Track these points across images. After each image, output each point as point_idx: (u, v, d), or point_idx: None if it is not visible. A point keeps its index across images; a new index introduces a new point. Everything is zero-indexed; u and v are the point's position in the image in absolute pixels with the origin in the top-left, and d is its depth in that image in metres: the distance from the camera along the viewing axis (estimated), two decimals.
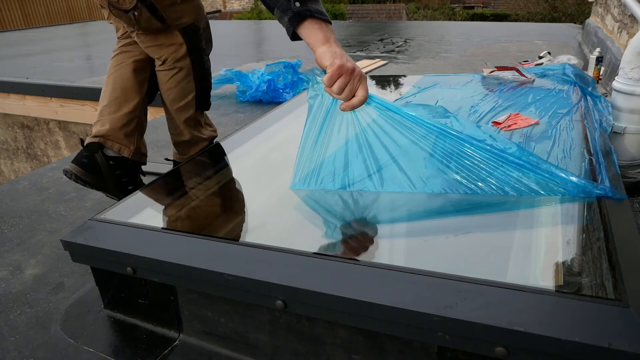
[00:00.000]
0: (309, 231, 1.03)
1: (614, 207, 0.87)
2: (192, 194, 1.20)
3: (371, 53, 4.57)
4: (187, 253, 0.88)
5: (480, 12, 16.39)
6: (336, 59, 0.93)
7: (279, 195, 1.19)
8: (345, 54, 0.97)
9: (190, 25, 1.43)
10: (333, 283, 0.75)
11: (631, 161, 1.51)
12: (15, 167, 4.55)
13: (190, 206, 1.15)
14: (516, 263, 0.81)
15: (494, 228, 0.96)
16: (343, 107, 0.97)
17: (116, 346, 0.98)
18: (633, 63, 1.45)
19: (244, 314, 0.88)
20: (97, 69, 4.34)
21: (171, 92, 1.48)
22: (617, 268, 0.70)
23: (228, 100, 3.00)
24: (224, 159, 1.40)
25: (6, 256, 1.35)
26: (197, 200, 1.18)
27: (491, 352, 0.65)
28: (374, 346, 0.79)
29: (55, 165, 2.05)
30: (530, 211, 0.97)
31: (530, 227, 0.93)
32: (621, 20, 3.17)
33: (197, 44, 1.46)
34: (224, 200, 1.20)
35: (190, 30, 1.43)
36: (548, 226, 0.92)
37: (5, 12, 10.76)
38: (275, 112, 1.79)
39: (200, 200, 1.19)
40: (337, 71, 0.92)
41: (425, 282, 0.73)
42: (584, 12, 10.57)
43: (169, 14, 1.36)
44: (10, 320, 1.08)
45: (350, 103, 0.96)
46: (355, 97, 0.96)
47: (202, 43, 1.48)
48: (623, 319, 0.61)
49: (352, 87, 0.95)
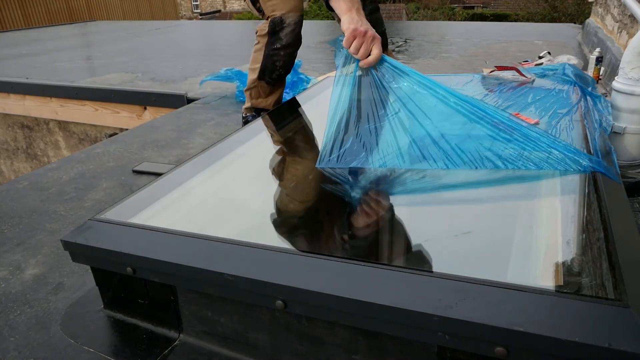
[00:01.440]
0: (309, 231, 1.03)
1: (614, 207, 0.87)
2: (192, 193, 1.20)
3: None
4: (187, 253, 0.88)
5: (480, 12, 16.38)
6: (351, 24, 1.14)
7: (279, 195, 1.19)
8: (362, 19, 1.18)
9: (278, 18, 1.87)
10: (333, 283, 0.75)
11: (631, 161, 1.51)
12: (15, 167, 4.55)
13: (190, 206, 1.15)
14: (516, 263, 0.81)
15: (494, 228, 0.96)
16: (361, 65, 1.14)
17: (116, 346, 0.98)
18: (633, 63, 1.45)
19: (244, 314, 0.88)
20: (97, 69, 4.34)
21: (251, 55, 2.02)
22: (617, 268, 0.70)
23: (228, 100, 3.00)
24: (224, 159, 1.40)
25: (6, 256, 1.36)
26: (197, 200, 1.18)
27: (491, 352, 0.65)
28: (374, 346, 0.79)
29: (55, 166, 2.05)
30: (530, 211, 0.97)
31: (530, 227, 0.93)
32: (621, 20, 3.17)
33: (277, 32, 1.90)
34: (224, 200, 1.20)
35: (276, 20, 1.88)
36: (548, 226, 0.92)
37: (5, 12, 10.75)
38: (275, 111, 1.79)
39: (201, 200, 1.19)
40: (351, 34, 1.14)
41: (426, 282, 0.73)
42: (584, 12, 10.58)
43: (266, 7, 1.90)
44: (10, 320, 1.08)
45: (366, 61, 1.14)
46: (371, 55, 1.14)
47: (281, 32, 1.90)
48: (623, 319, 0.61)
49: (367, 47, 1.13)
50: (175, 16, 15.74)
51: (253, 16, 13.22)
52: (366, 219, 1.04)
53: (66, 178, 1.91)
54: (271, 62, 1.96)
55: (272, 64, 1.96)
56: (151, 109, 3.30)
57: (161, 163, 2.02)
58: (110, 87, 3.47)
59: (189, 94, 3.15)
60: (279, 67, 1.97)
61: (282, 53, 1.93)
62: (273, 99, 2.09)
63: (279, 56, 1.94)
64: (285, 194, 1.20)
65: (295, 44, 1.95)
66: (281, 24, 1.89)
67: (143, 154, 2.15)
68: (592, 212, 0.89)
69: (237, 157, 1.40)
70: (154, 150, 2.19)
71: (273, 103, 2.10)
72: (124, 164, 2.03)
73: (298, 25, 1.91)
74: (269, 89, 2.05)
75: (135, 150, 2.20)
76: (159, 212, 1.10)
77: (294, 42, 1.93)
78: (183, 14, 24.00)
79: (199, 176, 1.28)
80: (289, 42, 1.91)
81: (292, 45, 1.93)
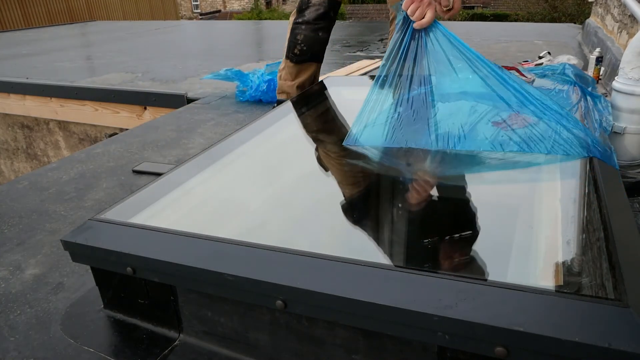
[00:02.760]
0: (310, 230, 1.03)
1: (614, 207, 0.87)
2: (192, 193, 1.20)
3: (371, 53, 4.58)
4: (187, 253, 0.88)
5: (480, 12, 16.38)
6: None
7: (280, 195, 1.19)
8: None
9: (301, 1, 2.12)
10: (333, 283, 0.75)
11: (631, 161, 1.51)
12: (15, 167, 4.55)
13: (190, 206, 1.15)
14: (516, 263, 0.81)
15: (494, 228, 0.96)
16: (415, 25, 1.27)
17: (116, 346, 0.98)
18: (633, 63, 1.45)
19: (244, 314, 0.88)
20: (97, 69, 4.34)
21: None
22: (617, 268, 0.70)
23: (228, 100, 3.00)
24: (224, 159, 1.39)
25: (6, 256, 1.36)
26: (197, 200, 1.18)
27: (491, 352, 0.65)
28: (374, 346, 0.79)
29: (55, 166, 2.05)
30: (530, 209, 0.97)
31: (530, 227, 0.93)
32: (621, 20, 3.17)
33: (303, 10, 2.09)
34: (224, 200, 1.20)
35: (302, 2, 2.11)
36: (548, 226, 0.92)
37: (5, 12, 10.75)
38: (275, 112, 1.79)
39: (201, 200, 1.19)
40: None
41: (425, 282, 0.73)
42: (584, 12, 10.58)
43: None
44: (10, 320, 1.08)
45: (419, 22, 1.26)
46: (424, 18, 1.25)
47: (306, 10, 2.08)
48: (623, 319, 0.61)
49: (422, 10, 1.25)
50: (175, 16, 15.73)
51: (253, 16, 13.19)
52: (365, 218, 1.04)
53: (66, 178, 1.91)
54: (293, 36, 2.13)
55: (293, 38, 2.13)
56: (151, 109, 3.30)
57: (161, 163, 2.02)
58: (110, 87, 3.47)
59: (189, 94, 3.15)
60: (300, 42, 2.11)
61: (303, 27, 2.09)
62: (298, 82, 2.21)
63: (299, 29, 2.10)
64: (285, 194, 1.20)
65: (316, 22, 2.08)
66: (307, 3, 2.08)
67: (143, 154, 2.15)
68: (592, 212, 0.89)
69: (237, 157, 1.40)
70: (154, 150, 2.19)
71: (297, 85, 2.21)
72: (124, 164, 2.03)
73: (323, 6, 2.06)
74: (295, 70, 2.20)
75: (135, 150, 2.20)
76: (159, 212, 1.10)
77: (316, 19, 2.08)
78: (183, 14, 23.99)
79: (199, 176, 1.28)
80: (311, 18, 2.07)
81: (313, 22, 2.08)
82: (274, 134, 1.59)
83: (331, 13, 2.11)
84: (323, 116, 1.83)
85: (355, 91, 2.10)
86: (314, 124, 1.75)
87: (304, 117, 1.80)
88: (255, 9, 16.53)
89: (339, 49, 4.91)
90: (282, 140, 1.56)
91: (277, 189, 1.25)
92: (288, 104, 1.90)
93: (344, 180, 1.28)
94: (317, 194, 1.21)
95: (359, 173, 1.29)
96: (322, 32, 2.13)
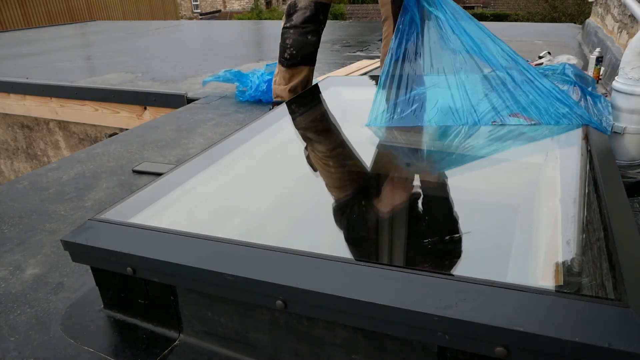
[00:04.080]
0: (310, 230, 1.03)
1: (614, 207, 0.87)
2: (192, 193, 1.20)
3: (371, 53, 4.58)
4: (187, 253, 0.88)
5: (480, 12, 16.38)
6: None
7: (280, 195, 1.19)
8: None
9: (293, 2, 2.07)
10: (333, 283, 0.75)
11: (631, 161, 1.51)
12: (15, 167, 4.55)
13: (190, 206, 1.15)
14: (516, 263, 0.81)
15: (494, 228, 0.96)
16: None
17: (116, 346, 0.98)
18: (633, 63, 1.45)
19: (244, 314, 0.88)
20: (97, 69, 4.34)
21: None
22: (617, 268, 0.70)
23: (228, 100, 3.00)
24: (224, 159, 1.39)
25: (6, 256, 1.35)
26: (197, 200, 1.18)
27: (491, 352, 0.65)
28: (374, 346, 0.79)
29: (55, 166, 2.05)
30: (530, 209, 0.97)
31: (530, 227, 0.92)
32: (621, 20, 3.17)
33: (291, 14, 2.08)
34: (224, 200, 1.20)
35: (291, 4, 2.07)
36: (548, 226, 0.92)
37: (5, 12, 10.75)
38: (275, 112, 1.79)
39: (201, 200, 1.19)
40: None
41: (425, 282, 0.73)
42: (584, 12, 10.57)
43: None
44: (10, 320, 1.08)
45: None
46: None
47: (294, 15, 2.07)
48: (623, 319, 0.61)
49: None
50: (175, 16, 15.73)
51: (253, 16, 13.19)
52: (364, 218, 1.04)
53: (66, 178, 1.91)
54: (282, 41, 2.13)
55: (283, 42, 2.13)
56: (151, 109, 3.30)
57: (161, 163, 2.02)
58: (110, 87, 3.47)
59: (189, 94, 3.14)
60: (289, 46, 2.11)
61: (291, 31, 2.09)
62: (290, 85, 2.22)
63: (288, 34, 2.10)
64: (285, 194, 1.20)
65: (304, 25, 2.07)
66: (294, 7, 2.07)
67: (143, 154, 2.15)
68: (592, 212, 0.89)
69: (237, 157, 1.40)
70: (154, 150, 2.19)
71: (290, 89, 2.21)
72: (124, 164, 2.03)
73: (309, 9, 2.05)
74: (287, 75, 2.20)
75: (135, 150, 2.20)
76: (159, 212, 1.10)
77: (303, 23, 2.06)
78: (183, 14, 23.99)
79: (199, 176, 1.28)
80: (299, 22, 2.06)
81: (301, 25, 2.07)
82: (273, 134, 1.59)
83: (320, 16, 2.08)
84: (323, 116, 1.83)
85: (355, 91, 2.10)
86: (313, 124, 1.75)
87: (304, 117, 1.80)
88: (255, 9, 16.53)
89: (339, 49, 4.91)
90: (282, 141, 1.56)
91: (277, 189, 1.25)
92: (290, 103, 1.90)
93: (343, 180, 1.28)
94: (317, 194, 1.21)
95: (359, 173, 1.29)
96: (311, 35, 2.10)
